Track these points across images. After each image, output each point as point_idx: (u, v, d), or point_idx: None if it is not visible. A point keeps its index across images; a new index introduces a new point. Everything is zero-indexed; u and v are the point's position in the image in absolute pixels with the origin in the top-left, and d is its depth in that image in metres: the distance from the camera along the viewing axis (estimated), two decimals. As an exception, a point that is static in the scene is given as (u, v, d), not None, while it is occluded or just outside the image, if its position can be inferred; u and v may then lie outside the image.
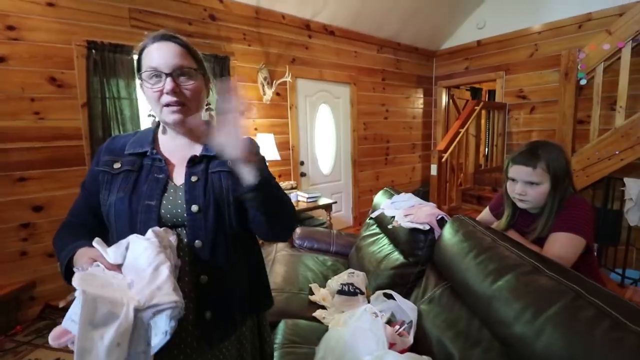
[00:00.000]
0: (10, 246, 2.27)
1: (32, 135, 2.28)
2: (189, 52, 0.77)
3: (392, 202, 1.89)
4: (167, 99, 0.73)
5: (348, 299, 1.49)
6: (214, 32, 2.98)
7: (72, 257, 0.67)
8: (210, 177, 0.79)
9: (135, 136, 0.84)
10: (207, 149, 0.82)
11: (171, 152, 0.82)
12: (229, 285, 0.78)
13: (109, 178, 0.77)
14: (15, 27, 2.19)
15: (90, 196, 0.80)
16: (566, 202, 1.07)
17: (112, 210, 0.74)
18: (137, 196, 0.74)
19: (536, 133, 3.89)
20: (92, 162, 0.84)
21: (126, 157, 0.79)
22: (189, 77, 0.75)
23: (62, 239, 0.75)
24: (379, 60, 4.34)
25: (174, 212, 0.74)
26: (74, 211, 0.83)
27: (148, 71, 0.73)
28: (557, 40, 3.60)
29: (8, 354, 1.99)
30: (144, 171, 0.78)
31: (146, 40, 0.77)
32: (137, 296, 0.56)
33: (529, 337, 0.76)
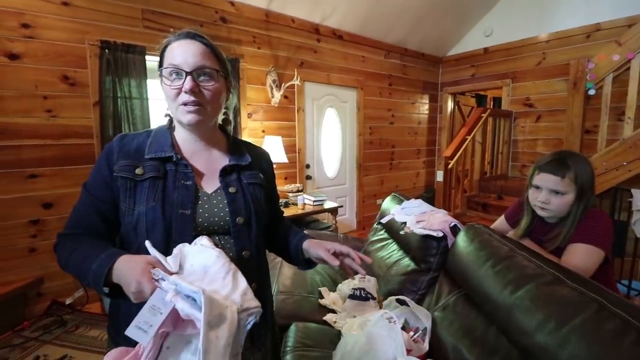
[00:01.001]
0: (20, 242, 2.28)
1: (43, 132, 2.30)
2: (213, 53, 0.75)
3: (403, 207, 1.89)
4: (185, 98, 0.70)
5: (360, 304, 1.49)
6: (224, 35, 3.00)
7: (111, 267, 0.61)
8: (247, 189, 0.80)
9: (150, 137, 0.78)
10: (235, 159, 0.82)
11: (190, 155, 0.79)
12: (266, 289, 0.83)
13: (131, 185, 0.72)
14: (30, 25, 2.21)
15: (101, 202, 0.73)
16: (588, 213, 1.08)
17: (142, 219, 0.70)
18: (169, 205, 0.71)
19: (542, 141, 3.91)
20: (98, 163, 0.75)
21: (147, 162, 0.74)
22: (210, 78, 0.73)
23: (80, 252, 0.68)
24: (386, 66, 4.36)
25: (211, 220, 0.74)
26: (79, 221, 0.74)
27: (169, 68, 0.70)
28: (565, 49, 3.62)
29: (16, 349, 1.99)
30: (170, 177, 0.74)
31: (170, 37, 0.75)
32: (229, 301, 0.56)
33: (553, 347, 0.76)
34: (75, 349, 2.00)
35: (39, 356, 1.94)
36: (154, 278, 0.56)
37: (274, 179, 0.94)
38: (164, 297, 0.53)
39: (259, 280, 0.79)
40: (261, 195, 0.82)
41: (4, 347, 2.00)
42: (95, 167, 0.76)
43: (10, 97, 2.18)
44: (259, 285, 0.77)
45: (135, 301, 0.57)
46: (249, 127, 3.20)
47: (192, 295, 0.53)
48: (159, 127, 0.82)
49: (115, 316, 0.75)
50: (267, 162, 0.93)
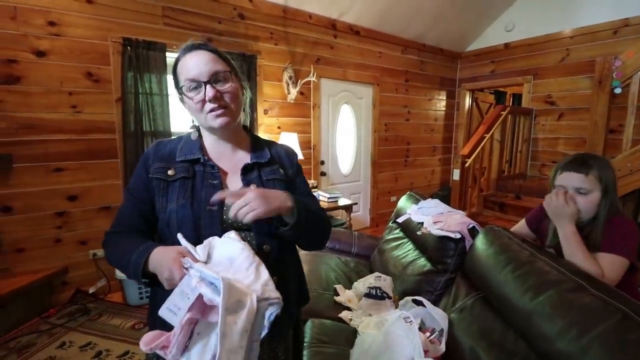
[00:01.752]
0: (46, 233, 2.38)
1: (68, 127, 2.38)
2: (220, 57, 0.79)
3: (419, 207, 1.89)
4: (211, 106, 0.75)
5: (375, 303, 1.51)
6: (242, 31, 3.02)
7: (147, 258, 0.67)
8: (267, 185, 0.83)
9: (181, 142, 0.85)
10: (256, 156, 0.86)
11: (217, 158, 0.84)
12: (289, 283, 0.84)
13: (164, 185, 0.79)
14: (56, 23, 2.28)
15: (142, 203, 0.80)
16: (614, 220, 1.06)
17: (173, 216, 0.76)
18: (197, 202, 0.76)
19: (563, 140, 3.80)
20: (137, 168, 0.83)
21: (178, 164, 0.80)
22: (225, 80, 0.78)
23: (121, 247, 0.75)
24: (403, 61, 4.30)
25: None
26: (123, 221, 0.81)
27: (187, 84, 0.75)
28: (591, 45, 3.50)
29: (43, 335, 2.09)
30: (198, 177, 0.80)
31: (178, 54, 0.80)
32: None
33: (574, 355, 0.76)
34: (99, 337, 2.09)
35: (65, 342, 2.03)
36: (183, 266, 0.61)
37: (298, 173, 0.95)
38: (191, 284, 0.58)
39: (280, 273, 0.80)
40: (281, 189, 0.83)
41: (32, 333, 2.10)
42: (136, 171, 0.83)
43: (38, 93, 2.26)
44: (279, 279, 0.78)
45: (168, 287, 0.62)
46: (265, 124, 3.23)
47: (214, 281, 0.56)
48: (189, 133, 0.88)
49: (153, 302, 0.81)
50: (289, 157, 0.94)
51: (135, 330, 2.17)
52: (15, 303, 2.16)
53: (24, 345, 1.99)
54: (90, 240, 2.54)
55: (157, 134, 2.61)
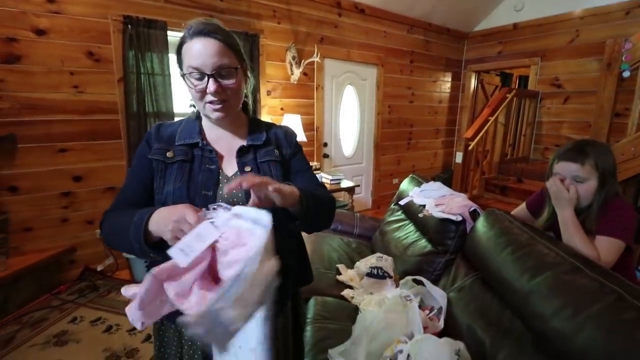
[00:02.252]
0: (53, 213, 2.42)
1: (71, 108, 2.37)
2: (229, 47, 0.76)
3: (422, 190, 1.90)
4: (210, 98, 0.75)
5: (377, 282, 1.55)
6: (244, 9, 2.95)
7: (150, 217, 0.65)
8: (261, 167, 0.84)
9: (181, 126, 0.86)
10: (252, 139, 0.86)
11: (215, 142, 0.85)
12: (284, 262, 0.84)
13: (162, 167, 0.79)
14: (55, 1, 2.23)
15: (146, 179, 0.80)
16: (611, 204, 1.07)
17: (169, 198, 0.76)
18: (194, 185, 0.77)
19: (568, 124, 3.77)
20: (140, 148, 0.84)
21: (178, 147, 0.81)
22: (229, 76, 0.76)
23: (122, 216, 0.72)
24: (408, 41, 4.21)
25: (230, 201, 0.78)
26: (126, 198, 0.80)
27: (190, 72, 0.74)
28: (601, 26, 3.40)
29: (55, 311, 2.17)
30: (196, 161, 0.80)
31: (185, 33, 0.75)
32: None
33: (568, 333, 0.79)
34: (108, 312, 2.17)
35: (76, 317, 2.11)
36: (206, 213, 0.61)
37: (297, 152, 0.93)
38: (212, 228, 0.58)
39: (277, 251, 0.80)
40: (276, 171, 0.85)
41: (43, 309, 2.18)
42: (137, 152, 0.84)
43: (39, 73, 2.24)
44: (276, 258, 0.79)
45: (170, 237, 0.60)
46: (268, 105, 3.20)
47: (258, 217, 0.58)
48: (189, 117, 0.89)
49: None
50: (287, 137, 0.93)
51: (143, 307, 2.24)
52: (25, 280, 2.23)
53: (37, 320, 2.07)
54: (97, 219, 2.58)
55: (159, 115, 2.60)
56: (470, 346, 1.04)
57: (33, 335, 1.94)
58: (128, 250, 0.68)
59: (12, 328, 1.99)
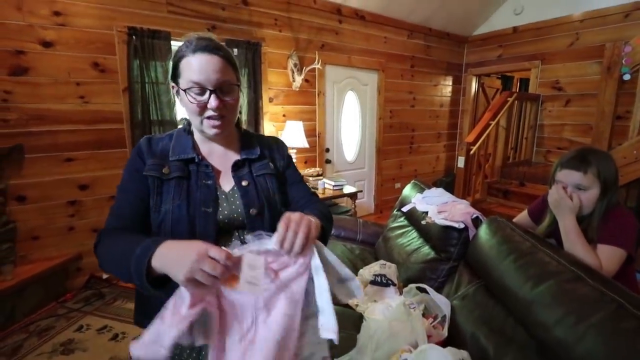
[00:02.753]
0: (59, 221, 2.45)
1: (77, 118, 2.41)
2: (230, 63, 0.77)
3: (424, 197, 1.92)
4: (210, 113, 0.74)
5: (380, 290, 1.56)
6: (246, 18, 2.99)
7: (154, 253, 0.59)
8: (258, 180, 0.84)
9: (172, 140, 0.83)
10: (246, 153, 0.86)
11: (208, 157, 0.84)
12: None
13: (158, 183, 0.76)
14: (61, 13, 2.28)
15: (141, 194, 0.76)
16: (612, 213, 1.08)
17: (168, 216, 0.74)
18: (193, 203, 0.76)
19: (570, 127, 3.77)
20: (131, 162, 0.79)
21: (173, 163, 0.79)
22: (230, 92, 0.76)
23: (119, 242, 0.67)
24: (409, 46, 4.24)
25: (230, 216, 0.79)
26: (119, 218, 0.75)
27: (191, 86, 0.72)
28: (601, 30, 3.42)
29: (61, 319, 2.19)
30: (193, 177, 0.79)
31: (184, 47, 0.74)
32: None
33: (570, 342, 0.80)
34: (114, 320, 2.18)
35: (82, 325, 2.13)
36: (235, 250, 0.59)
37: (289, 163, 0.94)
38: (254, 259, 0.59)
39: None
40: (272, 184, 0.86)
41: (50, 317, 2.20)
42: (128, 166, 0.80)
43: (46, 84, 2.28)
44: None
45: (184, 278, 0.52)
46: (270, 112, 3.23)
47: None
48: (180, 130, 0.86)
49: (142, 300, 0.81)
50: (279, 149, 0.94)
51: (149, 314, 2.26)
52: (32, 288, 2.25)
53: (43, 329, 2.09)
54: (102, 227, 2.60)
55: (163, 123, 2.64)
56: (474, 354, 1.05)
57: (40, 343, 1.96)
58: (125, 281, 0.63)
59: (19, 337, 2.01)
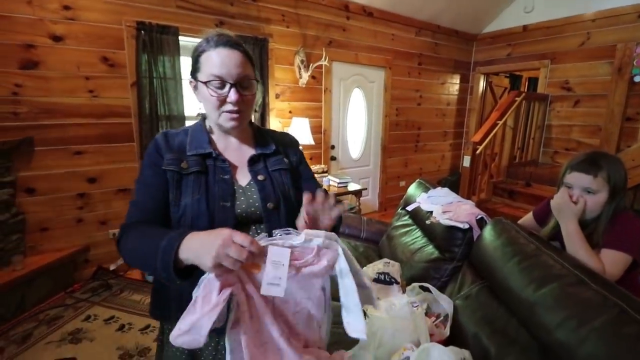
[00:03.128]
0: (68, 213, 2.49)
1: (86, 112, 2.44)
2: (249, 60, 0.79)
3: (429, 196, 1.92)
4: (229, 107, 0.76)
5: (384, 288, 1.57)
6: (254, 13, 2.99)
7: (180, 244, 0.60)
8: (273, 175, 0.86)
9: (189, 135, 0.84)
10: (261, 148, 0.88)
11: (224, 152, 0.85)
12: None
13: (178, 177, 0.78)
14: (71, 7, 2.29)
15: (158, 192, 0.77)
16: (619, 217, 1.08)
17: (188, 210, 0.76)
18: (212, 197, 0.77)
19: (578, 128, 3.73)
20: (149, 157, 0.80)
21: (190, 158, 0.80)
22: (249, 87, 0.79)
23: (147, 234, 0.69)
24: (417, 44, 4.21)
25: (248, 210, 0.81)
26: (146, 208, 0.76)
27: (212, 79, 0.74)
28: (613, 29, 3.37)
29: (69, 309, 2.23)
30: (210, 172, 0.80)
31: (205, 42, 0.76)
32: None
33: (572, 345, 0.81)
34: (121, 311, 2.23)
35: (90, 315, 2.17)
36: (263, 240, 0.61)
37: (302, 159, 0.97)
38: (280, 251, 0.61)
39: None
40: (287, 179, 0.88)
41: (59, 306, 2.25)
42: (147, 161, 0.80)
43: (56, 78, 2.31)
44: None
45: (212, 264, 0.54)
46: (277, 108, 3.24)
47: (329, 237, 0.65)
48: (195, 125, 0.88)
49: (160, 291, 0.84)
50: (292, 145, 0.97)
51: (155, 306, 2.30)
52: (42, 279, 2.30)
53: (53, 318, 2.14)
54: (110, 220, 2.65)
55: (171, 118, 2.66)
56: (476, 354, 1.06)
57: (49, 332, 2.01)
58: (151, 274, 0.66)
59: (29, 325, 2.06)
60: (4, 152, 2.17)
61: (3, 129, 2.18)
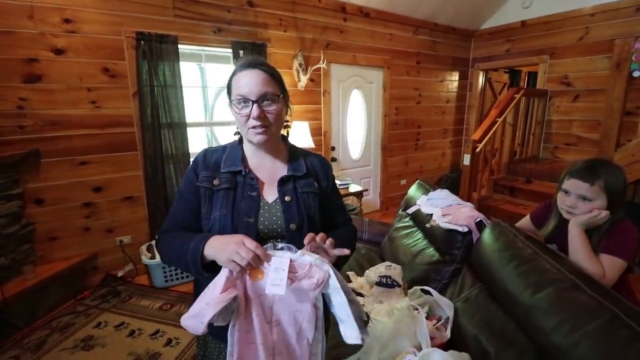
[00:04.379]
0: (76, 222, 2.55)
1: (90, 122, 2.48)
2: (273, 77, 0.85)
3: (429, 198, 1.95)
4: (253, 123, 0.82)
5: (386, 291, 1.61)
6: (251, 19, 3.01)
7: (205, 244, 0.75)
8: (301, 197, 0.90)
9: (225, 153, 0.92)
10: (292, 169, 0.92)
11: (257, 168, 0.91)
12: None
13: (209, 194, 0.86)
14: (71, 20, 2.33)
15: (194, 203, 0.88)
16: (618, 225, 1.11)
17: (216, 224, 0.84)
18: (237, 212, 0.84)
19: (578, 123, 3.74)
20: (188, 173, 0.91)
21: (223, 175, 0.88)
22: (272, 102, 0.84)
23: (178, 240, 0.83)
24: (414, 43, 4.22)
25: (270, 227, 0.86)
26: (176, 220, 0.89)
27: (237, 99, 0.82)
28: (612, 23, 3.36)
29: (80, 316, 2.29)
30: (239, 188, 0.87)
31: (236, 65, 0.87)
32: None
33: (565, 348, 0.84)
34: (130, 317, 2.28)
35: (100, 322, 2.23)
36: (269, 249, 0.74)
37: (333, 185, 1.01)
38: (281, 260, 0.73)
39: None
40: (314, 202, 0.91)
41: (70, 314, 2.31)
42: (186, 176, 0.92)
43: (59, 90, 2.35)
44: None
45: (226, 259, 0.70)
46: (277, 112, 3.26)
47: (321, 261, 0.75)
48: (233, 143, 0.96)
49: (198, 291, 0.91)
50: (324, 169, 0.99)
51: (163, 311, 2.35)
52: (53, 287, 2.36)
53: (65, 325, 2.19)
54: (116, 228, 2.70)
55: (173, 125, 2.70)
56: (476, 356, 1.09)
57: (62, 339, 2.06)
58: (183, 270, 0.85)
59: (42, 333, 2.12)
60: (12, 165, 2.21)
61: (10, 142, 2.23)
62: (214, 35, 2.83)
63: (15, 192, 2.24)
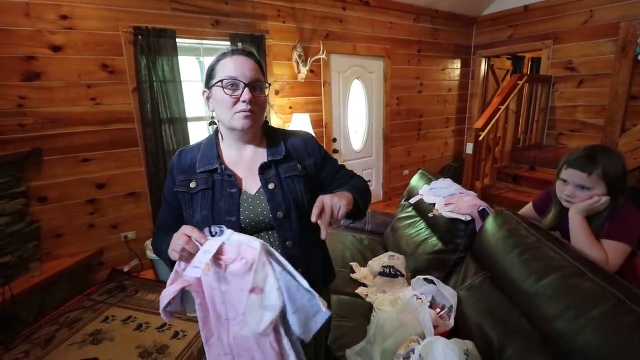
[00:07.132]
0: (80, 219, 2.56)
1: (90, 119, 2.48)
2: (261, 68, 0.86)
3: (431, 188, 1.94)
4: (242, 107, 0.81)
5: (389, 280, 1.61)
6: (249, 10, 2.98)
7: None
8: (285, 182, 0.87)
9: (200, 151, 0.90)
10: (271, 153, 0.89)
11: (236, 162, 0.88)
12: (312, 270, 0.90)
13: (188, 197, 0.86)
14: (68, 17, 2.31)
15: (174, 209, 0.91)
16: (620, 210, 1.10)
17: (199, 226, 0.80)
18: (217, 213, 0.83)
19: (582, 108, 3.68)
20: (167, 178, 0.94)
21: (199, 176, 0.86)
22: (260, 90, 0.84)
23: (159, 242, 0.90)
24: (415, 31, 4.16)
25: (256, 219, 0.84)
26: (162, 222, 0.96)
27: (227, 79, 0.80)
28: (617, 5, 3.28)
29: (88, 311, 2.32)
30: (217, 187, 0.85)
31: (221, 54, 0.85)
32: None
33: (570, 335, 0.84)
34: (137, 311, 2.31)
35: (108, 317, 2.26)
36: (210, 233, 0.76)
37: (322, 156, 0.96)
38: (213, 241, 0.74)
39: (305, 266, 0.84)
40: (300, 186, 0.88)
41: (78, 309, 2.34)
42: (166, 180, 0.94)
43: (58, 88, 2.34)
44: (306, 270, 0.79)
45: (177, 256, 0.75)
46: (277, 104, 3.25)
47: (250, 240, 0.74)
48: (207, 140, 0.93)
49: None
50: (307, 146, 0.95)
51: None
52: (60, 283, 2.38)
53: (73, 320, 2.22)
54: (120, 224, 2.72)
55: (173, 120, 2.69)
56: (479, 344, 1.09)
57: (71, 334, 2.09)
58: (167, 265, 0.87)
59: (50, 328, 2.15)
60: (15, 164, 2.22)
61: (11, 141, 2.23)
62: (212, 28, 2.80)
63: (18, 190, 2.25)
